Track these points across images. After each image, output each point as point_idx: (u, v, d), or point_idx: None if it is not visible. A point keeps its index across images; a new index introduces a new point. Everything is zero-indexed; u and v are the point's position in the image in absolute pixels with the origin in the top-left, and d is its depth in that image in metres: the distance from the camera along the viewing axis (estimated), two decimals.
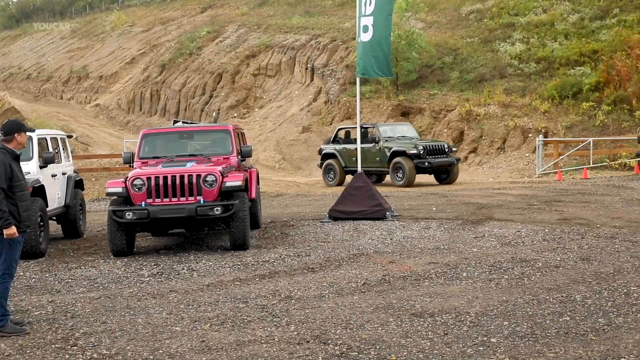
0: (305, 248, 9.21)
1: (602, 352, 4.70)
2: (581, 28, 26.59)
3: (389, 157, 18.02)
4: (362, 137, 17.82)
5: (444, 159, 18.03)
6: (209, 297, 6.70)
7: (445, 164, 18.08)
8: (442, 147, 18.19)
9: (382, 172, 18.82)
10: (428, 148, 17.82)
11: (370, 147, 18.32)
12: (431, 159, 17.71)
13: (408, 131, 19.31)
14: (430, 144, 18.20)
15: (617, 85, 22.44)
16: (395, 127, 19.76)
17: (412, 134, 19.20)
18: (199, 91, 33.31)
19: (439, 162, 17.87)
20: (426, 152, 17.70)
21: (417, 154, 17.57)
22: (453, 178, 18.43)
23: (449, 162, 18.18)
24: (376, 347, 4.98)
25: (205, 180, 9.10)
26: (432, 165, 17.71)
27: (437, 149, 18.03)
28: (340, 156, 19.22)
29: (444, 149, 18.15)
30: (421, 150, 17.61)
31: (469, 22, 29.93)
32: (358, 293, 6.66)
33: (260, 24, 36.52)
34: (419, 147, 17.69)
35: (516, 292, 6.44)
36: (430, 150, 17.84)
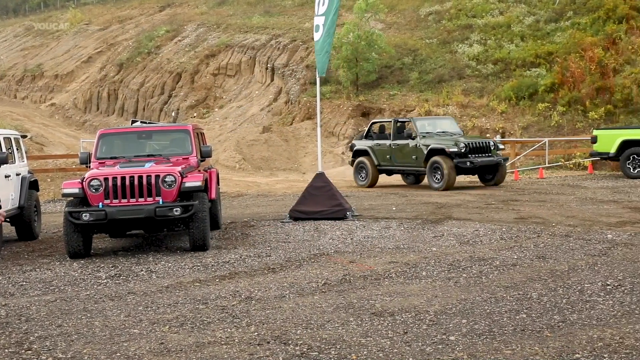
0: (265, 248, 9.18)
1: (557, 349, 4.79)
2: (536, 30, 27.08)
3: (425, 156, 16.10)
4: (397, 133, 17.02)
5: (489, 158, 16.00)
6: (168, 299, 6.63)
7: (491, 163, 16.06)
8: (487, 145, 16.17)
9: (419, 173, 16.98)
10: (471, 145, 15.81)
11: (405, 144, 16.75)
12: (474, 158, 15.74)
13: (449, 126, 17.23)
14: (473, 140, 16.18)
15: (572, 87, 22.92)
16: (435, 121, 17.77)
17: (454, 129, 17.07)
18: (158, 91, 32.95)
19: (483, 162, 15.85)
20: (469, 150, 15.70)
21: (457, 152, 15.56)
22: (499, 179, 16.55)
23: (495, 161, 16.10)
24: (337, 347, 4.99)
25: (164, 180, 9.00)
26: (475, 165, 15.73)
27: (482, 147, 16.05)
28: (373, 153, 17.52)
29: (490, 147, 16.14)
30: (462, 147, 15.56)
31: (427, 24, 30.22)
32: (319, 293, 6.66)
33: (219, 24, 36.30)
34: (460, 144, 15.63)
35: (474, 290, 6.52)
36: (473, 147, 15.85)
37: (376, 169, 17.58)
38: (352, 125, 25.48)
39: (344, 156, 24.54)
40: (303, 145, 25.26)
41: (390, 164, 17.28)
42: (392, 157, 17.13)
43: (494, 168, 16.33)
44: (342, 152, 24.80)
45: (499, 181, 16.60)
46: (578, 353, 4.68)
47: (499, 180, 16.59)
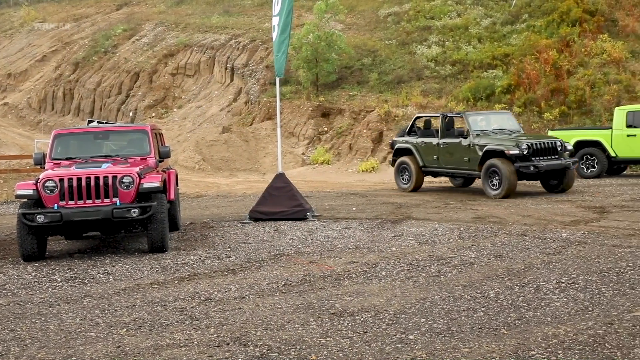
0: (225, 249, 9.13)
1: (513, 346, 4.87)
2: (493, 32, 27.48)
3: (480, 158, 13.90)
4: (446, 130, 14.94)
5: (555, 161, 13.67)
6: (125, 301, 6.54)
7: (558, 167, 13.70)
8: (554, 146, 13.88)
9: (472, 176, 14.75)
10: (534, 147, 13.61)
11: (455, 143, 14.53)
12: (539, 162, 13.51)
13: (506, 122, 15.02)
14: (537, 141, 13.87)
15: (527, 88, 23.32)
16: (490, 116, 15.47)
17: (512, 126, 14.88)
18: (115, 90, 32.48)
19: (549, 166, 13.55)
20: (532, 152, 13.55)
21: (519, 154, 13.40)
22: (568, 185, 14.14)
23: (563, 165, 13.72)
24: (296, 348, 4.99)
25: (121, 181, 8.88)
26: (540, 170, 13.47)
27: (547, 148, 13.78)
28: (417, 152, 15.42)
29: (556, 148, 13.89)
30: (525, 149, 13.40)
31: (387, 25, 30.42)
32: (279, 294, 6.65)
33: (178, 23, 35.95)
34: (523, 145, 13.43)
35: (433, 289, 6.59)
36: (537, 149, 13.65)
37: (421, 171, 15.45)
38: (312, 126, 25.51)
39: (304, 156, 24.55)
40: (263, 146, 25.19)
41: (438, 165, 15.14)
42: (439, 158, 15.02)
43: (560, 173, 13.94)
44: (302, 153, 24.81)
45: (567, 187, 14.16)
46: (533, 350, 4.76)
47: (567, 186, 14.14)
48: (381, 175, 21.36)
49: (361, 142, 23.78)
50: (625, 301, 5.92)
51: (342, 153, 24.03)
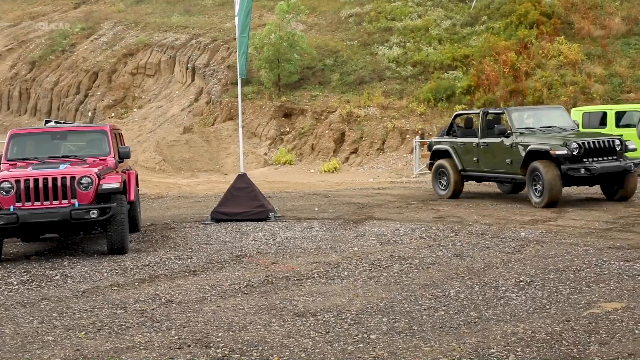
0: (186, 251, 9.05)
1: (473, 344, 4.93)
2: (453, 34, 27.78)
3: (523, 159, 12.08)
4: (487, 128, 13.28)
5: (612, 163, 11.82)
6: (84, 304, 6.44)
7: (615, 170, 11.84)
8: (611, 145, 11.97)
9: (516, 181, 12.69)
10: (587, 146, 11.74)
11: (496, 143, 12.81)
12: (591, 164, 11.67)
13: (558, 118, 13.17)
14: (591, 139, 11.94)
15: (487, 89, 23.64)
16: (539, 112, 13.66)
17: (565, 123, 13.03)
18: (73, 90, 31.94)
19: (604, 168, 11.69)
20: (584, 152, 11.69)
21: (567, 154, 11.55)
22: (628, 192, 12.28)
23: (621, 167, 11.83)
24: (259, 349, 4.97)
25: (80, 182, 8.74)
26: (593, 173, 11.60)
27: (603, 148, 11.89)
28: (456, 155, 13.69)
29: (614, 148, 11.98)
30: (575, 149, 11.57)
31: (348, 26, 30.52)
32: (241, 295, 6.62)
33: (137, 22, 35.50)
34: (572, 144, 11.59)
35: (395, 289, 6.63)
36: (591, 149, 11.77)
37: (460, 175, 13.70)
38: (274, 126, 25.46)
39: (266, 157, 24.49)
40: (225, 146, 25.05)
41: (478, 168, 13.38)
42: (479, 160, 13.28)
43: (619, 177, 12.08)
44: (264, 153, 24.74)
45: (628, 194, 12.30)
46: (493, 348, 4.83)
47: (628, 193, 12.27)
48: (343, 175, 21.46)
49: (323, 143, 23.82)
50: (582, 299, 6.04)
51: (304, 153, 24.05)
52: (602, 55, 24.48)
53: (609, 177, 12.10)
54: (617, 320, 5.37)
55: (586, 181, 12.16)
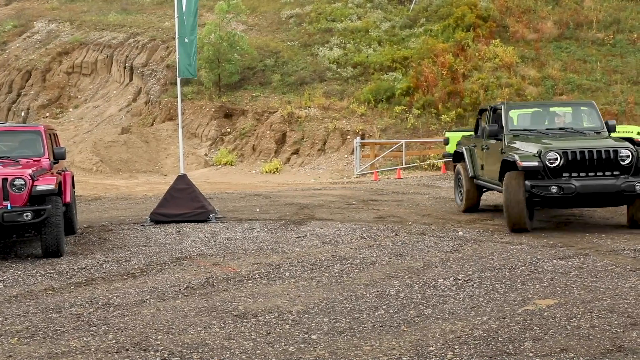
0: (125, 253, 8.88)
1: (412, 342, 5.00)
2: (393, 35, 28.13)
3: (499, 170, 9.99)
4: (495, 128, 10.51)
5: (603, 181, 9.11)
6: (17, 309, 6.24)
7: (605, 190, 9.10)
8: (611, 156, 9.14)
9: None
10: (573, 157, 9.11)
11: (493, 146, 10.57)
12: (568, 181, 9.03)
13: (586, 117, 10.78)
14: (581, 148, 9.20)
15: (425, 91, 24.03)
16: (552, 109, 11.11)
17: (592, 123, 10.51)
18: (5, 89, 30.94)
19: (588, 187, 9.05)
20: (568, 165, 9.12)
21: (537, 167, 9.15)
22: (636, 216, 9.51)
23: (616, 187, 9.05)
24: (199, 351, 4.93)
25: (12, 184, 8.48)
26: (567, 193, 8.97)
27: (598, 159, 9.15)
28: (469, 158, 11.53)
29: (615, 159, 9.16)
30: (553, 160, 9.08)
31: (289, 26, 30.54)
32: (180, 297, 6.54)
33: (72, 20, 34.66)
34: (549, 153, 9.12)
35: (336, 289, 6.67)
36: (578, 160, 9.12)
37: (472, 183, 11.50)
38: (214, 127, 25.26)
39: (206, 158, 24.27)
40: (164, 147, 24.70)
41: (482, 175, 11.25)
42: (483, 166, 11.17)
43: (620, 198, 9.26)
44: (205, 154, 24.52)
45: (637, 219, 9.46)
46: (432, 346, 4.91)
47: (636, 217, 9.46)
48: (284, 176, 21.45)
49: (264, 143, 23.76)
50: (517, 296, 6.20)
51: (245, 154, 23.94)
52: (535, 58, 25.22)
53: (600, 199, 9.33)
54: (550, 316, 5.54)
55: (562, 203, 9.35)
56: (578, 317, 5.48)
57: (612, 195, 9.21)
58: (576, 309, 5.69)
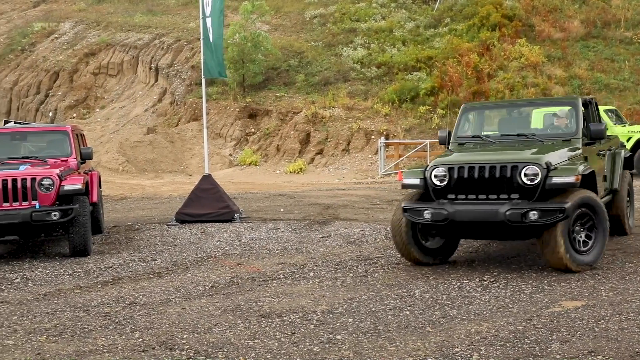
0: (151, 252, 8.96)
1: (438, 343, 4.98)
2: (417, 35, 28.00)
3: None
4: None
5: (484, 207, 7.03)
6: (45, 307, 6.33)
7: (483, 218, 7.03)
8: (507, 174, 6.98)
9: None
10: (462, 174, 7.18)
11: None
12: (442, 206, 7.14)
13: (557, 120, 8.43)
14: (473, 163, 7.18)
15: (450, 91, 23.89)
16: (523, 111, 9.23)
17: (559, 129, 8.18)
18: (33, 90, 31.37)
19: (465, 214, 7.07)
20: (456, 183, 7.21)
21: (417, 184, 7.51)
22: (547, 256, 7.00)
23: (499, 216, 6.86)
24: (224, 350, 4.95)
25: (41, 183, 8.60)
26: (436, 220, 7.17)
27: (490, 178, 7.04)
28: None
29: (510, 178, 6.97)
30: (441, 177, 7.27)
31: (313, 26, 30.55)
32: (206, 296, 6.58)
33: (99, 21, 35.03)
34: (435, 169, 7.32)
35: (360, 289, 6.66)
36: (465, 179, 7.16)
37: None
38: (239, 127, 25.36)
39: (231, 158, 24.37)
40: (189, 147, 24.86)
41: None
42: None
43: (502, 230, 7.15)
44: (229, 154, 24.62)
45: (550, 261, 6.99)
46: (457, 347, 4.88)
47: (548, 258, 6.99)
48: (309, 176, 21.46)
49: (289, 144, 23.80)
50: (544, 297, 6.14)
51: (269, 154, 23.99)
52: (562, 58, 24.95)
53: (485, 230, 7.29)
54: (577, 318, 5.47)
55: (444, 232, 7.47)
56: (606, 319, 5.41)
57: (495, 226, 7.00)
58: (604, 311, 5.62)
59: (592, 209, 6.96)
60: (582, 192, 6.93)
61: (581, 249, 6.98)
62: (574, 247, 6.90)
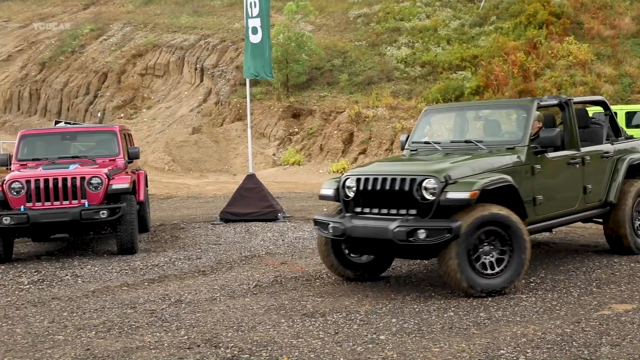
0: (196, 251, 9.07)
1: (483, 345, 4.91)
2: (462, 34, 27.73)
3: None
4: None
5: (373, 223, 6.36)
6: (94, 304, 6.46)
7: (377, 236, 6.33)
8: (395, 186, 6.36)
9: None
10: (366, 186, 6.55)
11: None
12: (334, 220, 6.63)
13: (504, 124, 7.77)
14: (376, 175, 6.55)
15: (496, 90, 23.57)
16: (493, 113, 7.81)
17: (513, 132, 7.25)
18: (83, 91, 32.08)
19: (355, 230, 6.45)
20: (364, 196, 6.60)
21: (330, 195, 6.96)
22: (444, 273, 6.21)
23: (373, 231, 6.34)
24: (268, 349, 4.98)
25: (90, 182, 8.78)
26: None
27: (382, 190, 6.43)
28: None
29: (401, 190, 6.33)
30: (351, 188, 6.68)
31: (356, 26, 30.51)
32: (250, 295, 6.63)
33: (146, 23, 35.63)
34: (345, 179, 6.78)
35: (404, 289, 6.62)
36: (369, 191, 6.53)
37: None
38: (282, 127, 25.48)
39: (274, 157, 24.50)
40: (234, 147, 25.09)
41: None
42: None
43: (393, 248, 6.52)
44: (273, 154, 24.76)
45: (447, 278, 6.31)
46: (503, 349, 4.81)
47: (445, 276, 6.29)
48: None
49: (332, 143, 23.82)
50: (592, 300, 6.01)
51: (312, 154, 24.05)
52: (612, 55, 24.38)
53: (377, 248, 6.65)
54: (628, 321, 5.34)
55: (348, 247, 6.93)
56: None
57: (389, 244, 6.30)
58: None
59: (504, 227, 6.13)
60: (487, 208, 6.09)
61: (487, 271, 6.15)
62: (476, 270, 6.10)
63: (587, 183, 7.38)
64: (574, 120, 7.46)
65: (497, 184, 6.25)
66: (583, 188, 7.34)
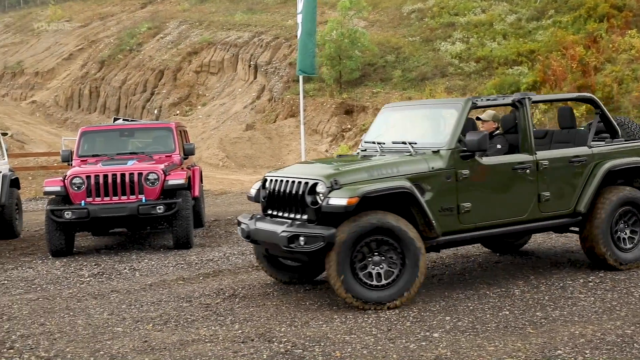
0: (249, 246, 9.15)
1: (539, 345, 4.83)
2: (518, 28, 27.21)
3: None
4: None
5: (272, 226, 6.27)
6: (151, 297, 6.60)
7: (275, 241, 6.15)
8: (299, 191, 6.19)
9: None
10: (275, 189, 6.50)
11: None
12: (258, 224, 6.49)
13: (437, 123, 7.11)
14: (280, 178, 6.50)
15: (553, 85, 23.06)
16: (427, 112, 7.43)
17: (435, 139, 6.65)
18: (140, 88, 32.75)
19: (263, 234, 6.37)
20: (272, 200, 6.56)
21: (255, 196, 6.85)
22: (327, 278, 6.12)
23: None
24: (321, 344, 5.00)
25: (147, 178, 8.97)
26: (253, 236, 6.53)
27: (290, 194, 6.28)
28: None
29: (296, 196, 6.22)
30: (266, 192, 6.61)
31: (410, 22, 30.28)
32: (302, 290, 6.66)
33: (202, 21, 36.12)
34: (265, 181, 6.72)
35: (457, 287, 6.56)
36: (277, 194, 6.45)
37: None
38: (335, 123, 25.49)
39: (327, 153, 24.53)
40: (287, 143, 25.23)
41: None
42: None
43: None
44: (325, 150, 24.80)
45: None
46: (560, 349, 4.72)
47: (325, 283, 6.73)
48: None
49: None
50: None
51: None
52: None
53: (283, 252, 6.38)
54: None
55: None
56: None
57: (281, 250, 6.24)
58: None
59: (393, 236, 5.81)
60: (374, 217, 5.80)
61: (374, 282, 5.85)
62: (362, 281, 5.82)
63: (543, 191, 6.68)
64: (529, 121, 6.85)
65: (385, 191, 5.85)
66: (537, 196, 6.67)
